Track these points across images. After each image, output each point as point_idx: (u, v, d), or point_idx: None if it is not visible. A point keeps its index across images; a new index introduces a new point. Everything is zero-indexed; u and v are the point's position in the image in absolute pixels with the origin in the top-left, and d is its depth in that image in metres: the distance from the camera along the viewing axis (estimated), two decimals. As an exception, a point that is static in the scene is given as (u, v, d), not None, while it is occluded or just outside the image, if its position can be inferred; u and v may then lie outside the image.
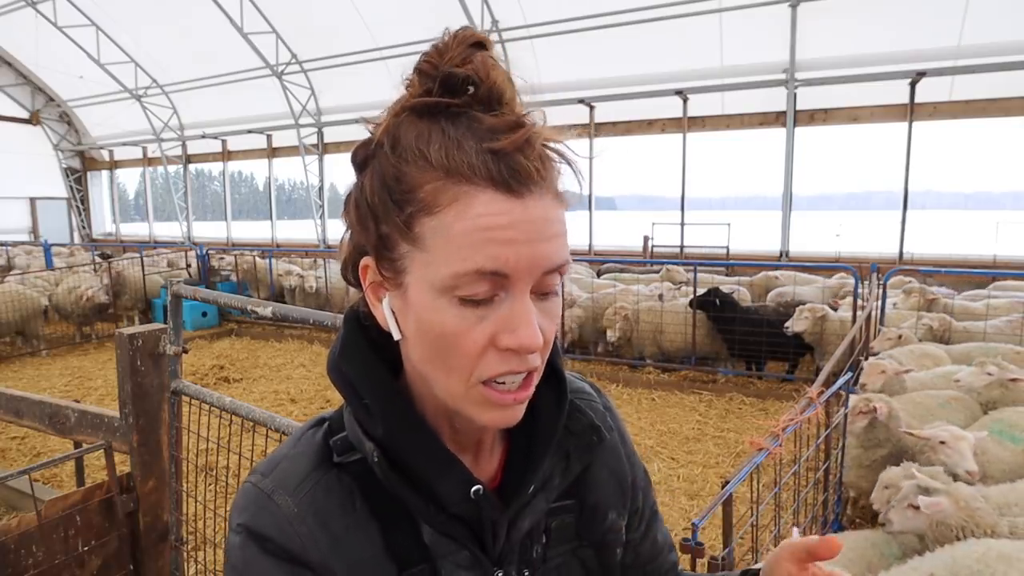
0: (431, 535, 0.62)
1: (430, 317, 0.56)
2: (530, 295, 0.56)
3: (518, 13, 11.76)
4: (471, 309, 0.55)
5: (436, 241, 0.54)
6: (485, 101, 0.56)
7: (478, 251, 0.53)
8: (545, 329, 0.58)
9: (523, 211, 0.54)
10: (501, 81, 0.57)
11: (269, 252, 12.13)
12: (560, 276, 0.58)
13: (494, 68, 0.57)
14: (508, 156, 0.53)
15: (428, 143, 0.55)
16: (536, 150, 0.55)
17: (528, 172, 0.54)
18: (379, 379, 0.63)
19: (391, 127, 0.57)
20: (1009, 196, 23.55)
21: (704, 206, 14.66)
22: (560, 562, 0.70)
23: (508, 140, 0.54)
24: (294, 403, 6.69)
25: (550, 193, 0.56)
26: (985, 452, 3.10)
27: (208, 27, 14.13)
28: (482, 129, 0.55)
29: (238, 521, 0.61)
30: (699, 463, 5.10)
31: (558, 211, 0.57)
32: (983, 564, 2.04)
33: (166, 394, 2.35)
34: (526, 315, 0.55)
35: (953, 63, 9.50)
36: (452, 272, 0.53)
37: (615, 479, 0.77)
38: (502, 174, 0.53)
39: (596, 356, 8.04)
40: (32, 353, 9.12)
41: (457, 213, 0.53)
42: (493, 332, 0.55)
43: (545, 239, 0.55)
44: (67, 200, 21.27)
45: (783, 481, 2.47)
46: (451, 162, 0.53)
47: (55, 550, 2.21)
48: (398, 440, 0.61)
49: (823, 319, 6.45)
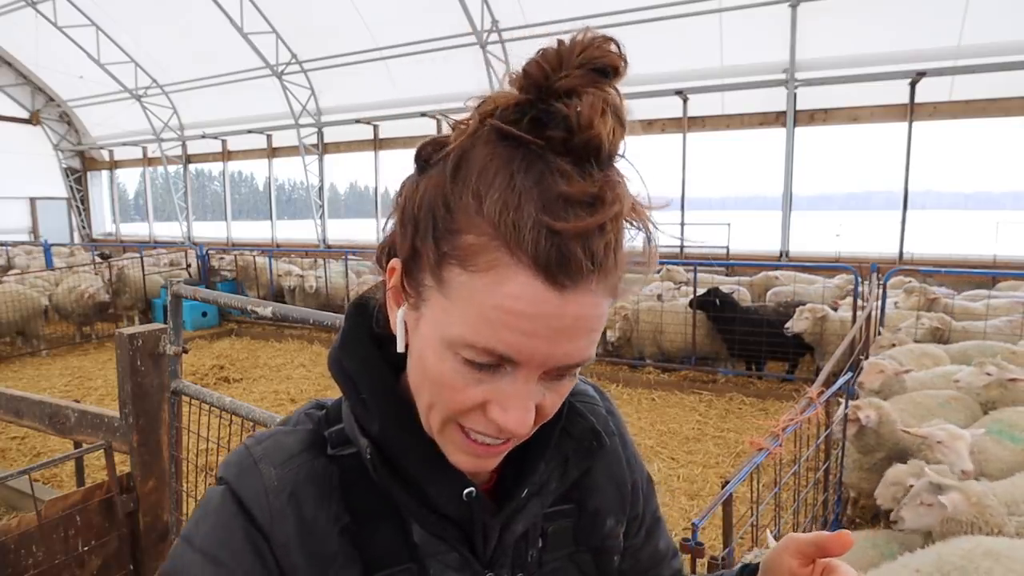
0: (421, 534, 0.62)
1: (431, 360, 0.54)
2: (541, 376, 0.54)
3: (518, 13, 11.76)
4: (472, 371, 0.53)
5: (460, 298, 0.50)
6: (575, 152, 0.49)
7: (495, 331, 0.49)
8: (547, 407, 0.57)
9: (558, 307, 0.49)
10: (602, 134, 0.48)
11: (269, 252, 12.12)
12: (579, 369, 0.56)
13: (602, 115, 0.48)
14: (565, 241, 0.47)
15: (489, 187, 0.49)
16: (605, 238, 0.49)
17: (579, 266, 0.48)
18: (378, 376, 0.62)
19: (467, 141, 0.51)
20: (1009, 196, 23.53)
21: (704, 206, 14.66)
22: (556, 567, 0.69)
23: (572, 224, 0.47)
24: (294, 403, 6.69)
25: (600, 287, 0.50)
26: (984, 451, 3.10)
27: (208, 27, 14.13)
28: (552, 193, 0.48)
29: (223, 474, 0.62)
30: (699, 463, 5.10)
31: (601, 307, 0.52)
32: (968, 560, 2.06)
33: (166, 394, 2.35)
34: (523, 400, 0.53)
35: (953, 63, 9.50)
36: (464, 338, 0.51)
37: (615, 485, 0.76)
38: (549, 260, 0.47)
39: (596, 356, 8.02)
40: (32, 353, 9.12)
41: (488, 282, 0.49)
42: (486, 400, 0.54)
43: (571, 339, 0.51)
44: (67, 200, 21.27)
45: (783, 481, 2.48)
46: (502, 223, 0.48)
47: (55, 550, 2.21)
48: (393, 438, 0.60)
49: (823, 319, 6.45)
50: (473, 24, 11.78)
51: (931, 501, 2.40)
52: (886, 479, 2.85)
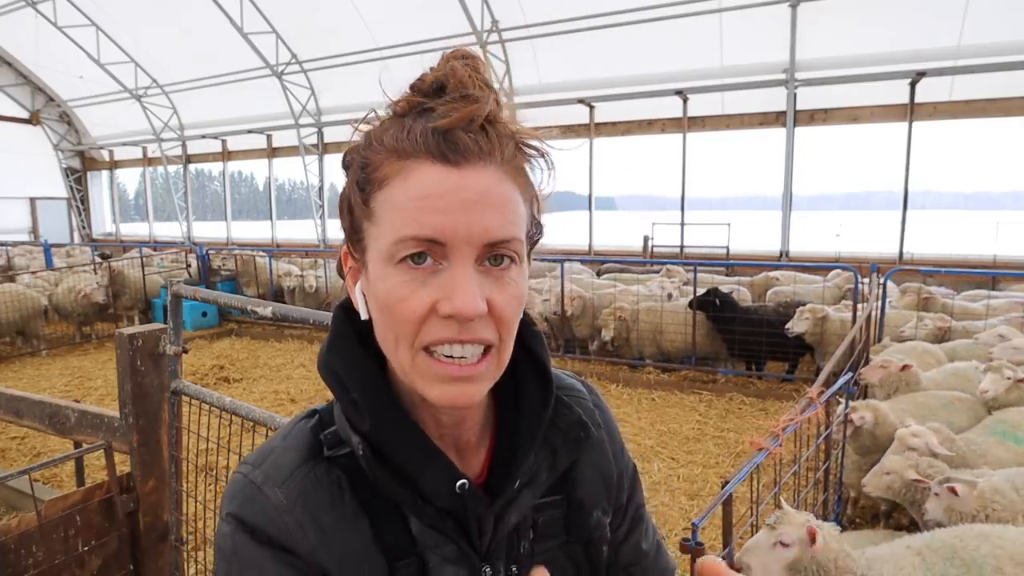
0: (419, 527, 0.63)
1: (379, 285, 0.58)
2: (477, 266, 0.57)
3: (518, 13, 11.76)
4: (414, 275, 0.57)
5: (384, 212, 0.58)
6: (456, 101, 0.58)
7: (415, 218, 0.56)
8: (499, 303, 0.58)
9: (459, 179, 0.56)
10: (470, 80, 0.59)
11: (269, 252, 12.12)
12: (513, 252, 0.59)
13: (470, 71, 0.59)
14: (448, 132, 0.56)
15: (386, 131, 0.60)
16: (482, 128, 0.57)
17: (466, 145, 0.56)
18: (365, 372, 0.64)
19: (374, 130, 0.62)
20: (1009, 196, 23.55)
21: (704, 206, 14.65)
22: (548, 558, 0.70)
23: (448, 119, 0.56)
24: (294, 403, 6.69)
25: (498, 167, 0.58)
26: (986, 454, 3.10)
27: (208, 27, 14.13)
28: (434, 115, 0.58)
29: (228, 511, 0.62)
30: (699, 463, 5.09)
31: (506, 187, 0.58)
32: (958, 539, 2.14)
33: (166, 394, 2.35)
34: (463, 282, 0.56)
35: (953, 63, 9.50)
36: (393, 239, 0.56)
37: (600, 476, 0.77)
38: (440, 147, 0.56)
39: (596, 356, 8.04)
40: (32, 353, 9.12)
41: (399, 184, 0.57)
42: (434, 299, 0.56)
43: (484, 210, 0.56)
44: (67, 200, 21.26)
45: (783, 481, 2.48)
46: (399, 143, 0.58)
47: (55, 550, 2.21)
48: (383, 433, 0.61)
49: (824, 320, 6.45)
50: (473, 24, 11.77)
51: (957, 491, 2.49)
52: (881, 467, 2.86)
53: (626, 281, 9.12)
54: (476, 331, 0.57)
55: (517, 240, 0.59)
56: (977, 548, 2.07)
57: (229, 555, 0.61)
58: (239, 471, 0.65)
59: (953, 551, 2.10)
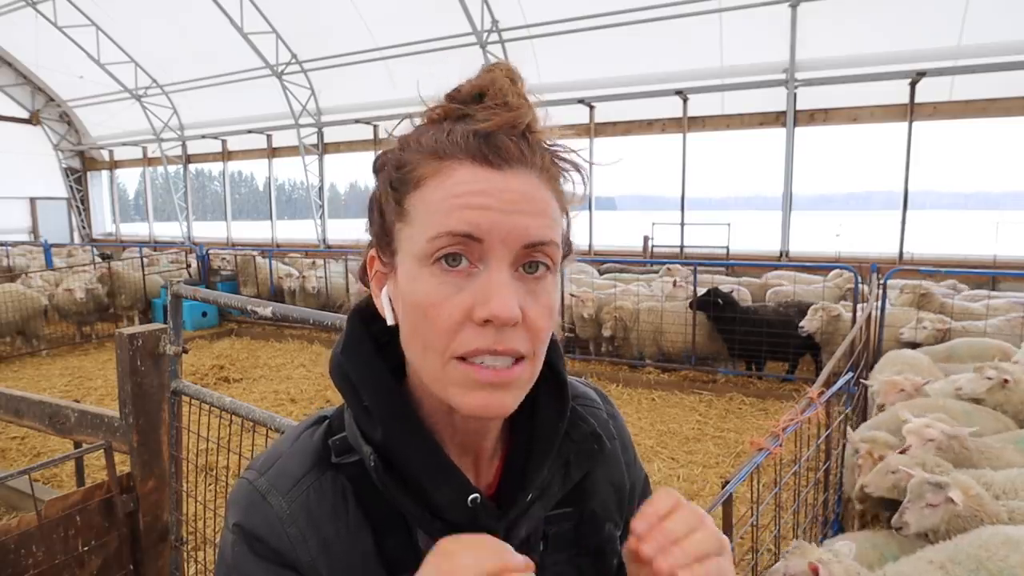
0: (426, 540, 0.61)
1: (411, 287, 0.57)
2: (513, 271, 0.56)
3: (518, 13, 11.75)
4: (448, 278, 0.55)
5: (418, 212, 0.57)
6: (497, 107, 0.58)
7: (451, 215, 0.55)
8: (531, 313, 0.56)
9: (501, 181, 0.56)
10: (505, 87, 0.59)
11: (269, 252, 12.12)
12: (548, 258, 0.58)
13: (509, 82, 0.60)
14: (490, 135, 0.56)
15: (424, 134, 0.60)
16: (522, 134, 0.58)
17: (509, 149, 0.56)
18: (380, 380, 0.62)
19: (409, 134, 0.62)
20: (1009, 196, 23.56)
21: (704, 206, 14.67)
22: (557, 570, 0.69)
23: (491, 122, 0.57)
24: (294, 403, 6.69)
25: (538, 175, 0.58)
26: (999, 457, 3.03)
27: (208, 27, 14.11)
28: (474, 119, 0.58)
29: (232, 519, 0.62)
30: (699, 463, 5.09)
31: (545, 193, 0.58)
32: (982, 549, 2.04)
33: (166, 394, 2.35)
34: (501, 286, 0.54)
35: (953, 63, 9.50)
36: (429, 235, 0.55)
37: (613, 488, 0.76)
38: (481, 149, 0.56)
39: (596, 356, 8.04)
40: (32, 353, 9.12)
41: (437, 184, 0.56)
42: (469, 304, 0.55)
43: (524, 212, 0.56)
44: (67, 200, 21.25)
45: (783, 481, 2.47)
46: (439, 143, 0.57)
47: (55, 550, 2.21)
48: (396, 445, 0.60)
49: (837, 319, 6.44)
50: (473, 24, 11.77)
51: (937, 501, 2.38)
52: (886, 466, 2.82)
53: (626, 281, 9.13)
54: (510, 341, 0.55)
55: (554, 244, 0.58)
56: (1006, 558, 1.97)
57: (229, 564, 0.61)
58: (245, 476, 0.64)
59: (978, 562, 2.00)
